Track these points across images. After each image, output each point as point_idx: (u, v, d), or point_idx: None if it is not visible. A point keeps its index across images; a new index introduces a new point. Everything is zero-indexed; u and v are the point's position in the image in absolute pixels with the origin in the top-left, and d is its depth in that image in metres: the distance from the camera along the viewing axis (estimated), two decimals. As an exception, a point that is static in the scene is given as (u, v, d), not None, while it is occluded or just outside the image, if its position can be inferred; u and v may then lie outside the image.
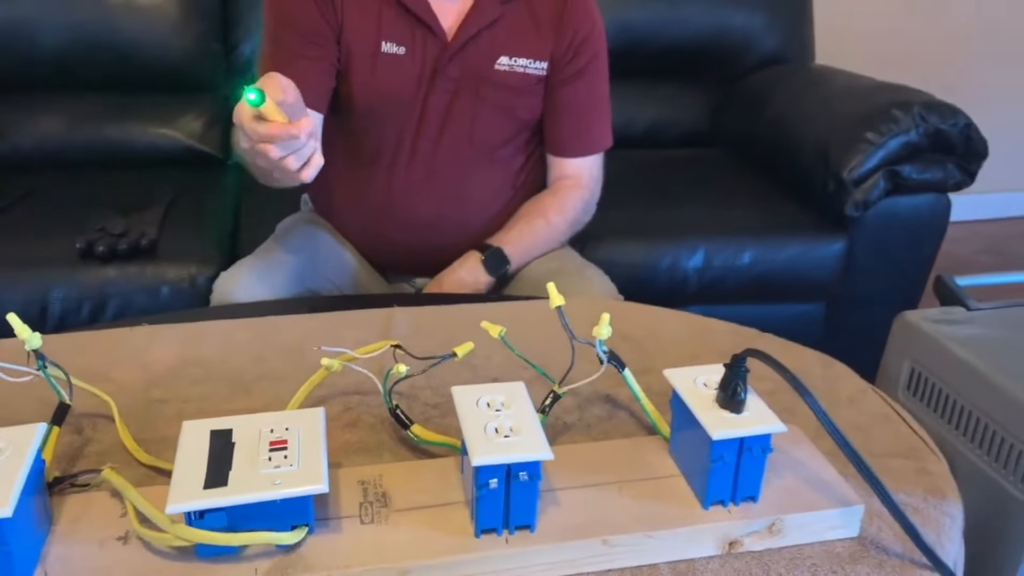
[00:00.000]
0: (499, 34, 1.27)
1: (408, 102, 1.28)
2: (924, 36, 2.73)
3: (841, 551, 0.74)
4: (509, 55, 1.28)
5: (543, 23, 1.29)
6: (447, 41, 1.26)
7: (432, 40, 1.26)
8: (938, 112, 1.69)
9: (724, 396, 0.71)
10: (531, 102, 1.32)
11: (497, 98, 1.29)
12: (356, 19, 1.25)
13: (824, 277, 1.72)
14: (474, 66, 1.28)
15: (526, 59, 1.28)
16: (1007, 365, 0.86)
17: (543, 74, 1.30)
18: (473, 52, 1.27)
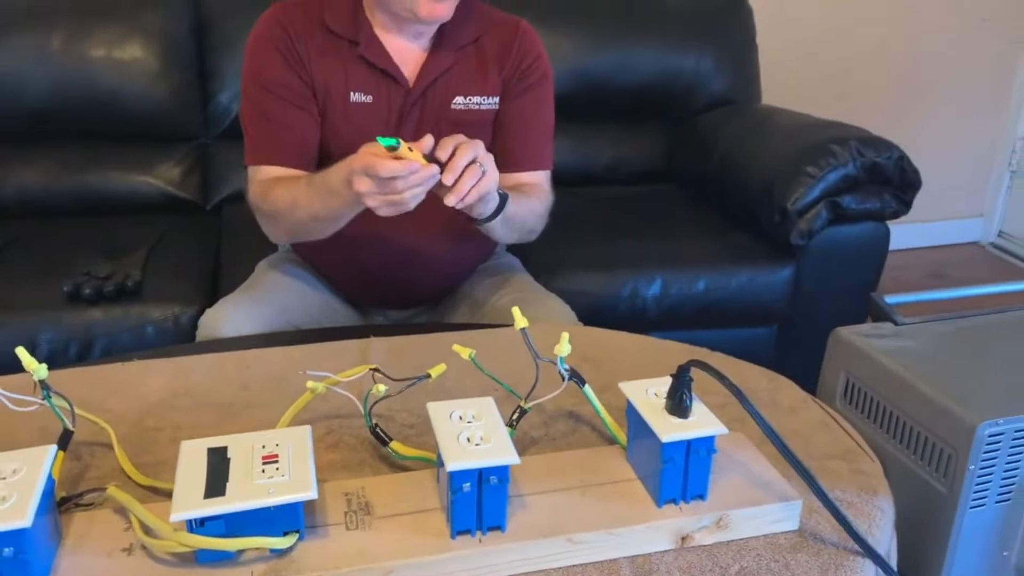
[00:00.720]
0: (453, 78, 1.36)
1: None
2: (862, 75, 2.86)
3: (783, 542, 0.81)
4: (464, 95, 1.36)
5: (492, 62, 1.38)
6: (409, 88, 1.34)
7: (396, 88, 1.34)
8: (873, 147, 1.80)
9: (672, 403, 0.78)
10: (486, 137, 1.40)
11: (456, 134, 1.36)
12: (325, 75, 1.33)
13: (774, 302, 1.81)
14: (434, 108, 1.36)
15: (479, 96, 1.37)
16: (929, 373, 0.93)
17: (495, 108, 1.39)
18: (432, 96, 1.35)
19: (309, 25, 1.32)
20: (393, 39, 1.33)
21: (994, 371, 0.96)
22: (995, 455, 0.86)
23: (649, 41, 2.21)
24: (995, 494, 0.88)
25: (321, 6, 1.33)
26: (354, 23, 1.32)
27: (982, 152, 3.13)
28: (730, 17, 2.31)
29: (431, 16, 1.26)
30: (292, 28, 1.32)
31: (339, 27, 1.32)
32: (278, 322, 1.34)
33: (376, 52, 1.32)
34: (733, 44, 2.30)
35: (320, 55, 1.32)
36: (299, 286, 1.41)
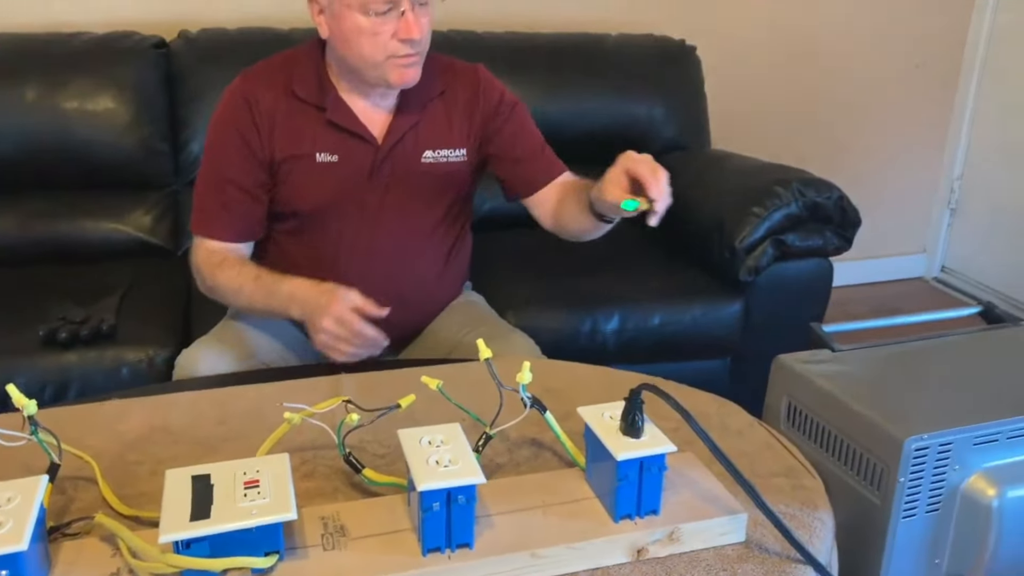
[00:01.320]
0: (421, 133, 1.41)
1: (346, 201, 1.40)
2: (805, 119, 2.97)
3: (731, 553, 0.86)
4: (433, 149, 1.42)
5: (458, 114, 1.44)
6: (378, 146, 1.39)
7: (363, 147, 1.39)
8: (814, 187, 1.89)
9: (625, 424, 0.84)
10: (455, 187, 1.46)
11: (426, 187, 1.43)
12: (290, 141, 1.37)
13: (725, 335, 1.88)
14: (403, 163, 1.41)
15: (447, 150, 1.43)
16: (862, 394, 1.00)
17: (463, 159, 1.44)
18: (400, 152, 1.40)
19: (276, 94, 1.37)
20: (359, 101, 1.38)
21: (922, 391, 1.03)
22: (922, 468, 0.93)
23: (603, 90, 2.30)
24: (924, 504, 0.95)
25: (289, 74, 1.38)
26: (320, 89, 1.37)
27: (923, 191, 3.26)
28: (679, 67, 2.41)
29: (402, 82, 1.33)
30: (256, 102, 1.36)
31: (305, 94, 1.37)
32: (251, 361, 1.38)
33: (343, 115, 1.37)
34: (682, 92, 2.40)
35: (287, 121, 1.37)
36: (271, 326, 1.44)
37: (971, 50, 3.07)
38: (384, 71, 1.31)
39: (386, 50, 1.29)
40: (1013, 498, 0.95)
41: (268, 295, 1.32)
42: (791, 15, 2.82)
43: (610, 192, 1.19)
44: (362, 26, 1.27)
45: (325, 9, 1.31)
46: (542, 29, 2.39)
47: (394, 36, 1.28)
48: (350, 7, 1.26)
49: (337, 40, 1.32)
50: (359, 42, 1.29)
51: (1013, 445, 0.96)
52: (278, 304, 1.32)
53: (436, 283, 1.50)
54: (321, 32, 1.34)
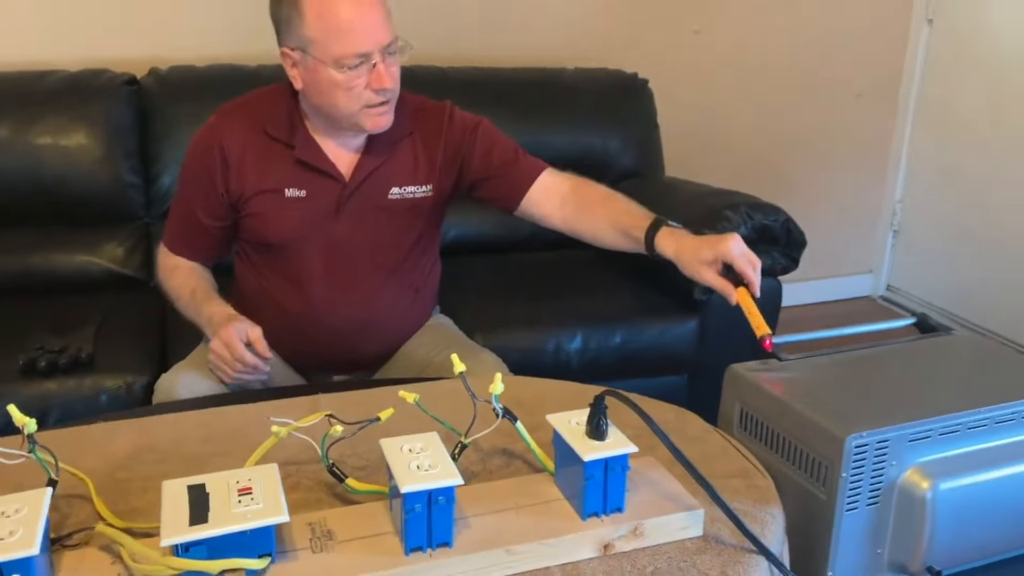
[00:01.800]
0: (388, 170, 1.46)
1: (315, 234, 1.45)
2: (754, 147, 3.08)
3: (690, 546, 0.93)
4: (399, 185, 1.46)
5: (425, 151, 1.48)
6: (345, 182, 1.44)
7: (331, 183, 1.44)
8: (762, 211, 1.99)
9: (591, 428, 0.90)
10: (421, 219, 1.51)
11: (392, 221, 1.48)
12: (260, 175, 1.43)
13: (682, 352, 1.96)
14: (370, 198, 1.45)
15: (413, 186, 1.47)
16: (807, 399, 1.08)
17: (428, 194, 1.49)
18: (367, 188, 1.45)
19: (248, 132, 1.43)
20: (328, 140, 1.44)
21: (861, 394, 1.11)
22: (862, 464, 1.00)
23: (562, 121, 2.38)
24: (866, 498, 1.02)
25: (261, 113, 1.44)
26: (290, 128, 1.43)
27: (868, 214, 3.39)
28: (633, 99, 2.51)
29: (376, 128, 1.38)
30: (229, 140, 1.43)
31: (276, 132, 1.43)
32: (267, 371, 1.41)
33: (312, 153, 1.42)
34: (637, 123, 2.50)
35: (258, 158, 1.43)
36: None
37: (907, 80, 3.22)
38: (359, 119, 1.36)
39: (360, 100, 1.34)
40: (945, 490, 1.02)
41: (195, 312, 1.46)
42: (738, 49, 2.94)
43: (701, 273, 1.26)
44: (336, 80, 1.32)
45: (298, 63, 1.35)
46: (502, 64, 2.48)
47: (367, 87, 1.33)
48: (323, 62, 1.31)
49: (311, 92, 1.37)
50: (334, 94, 1.34)
51: (944, 441, 1.04)
52: (200, 321, 1.45)
53: (407, 310, 1.55)
54: (295, 84, 1.38)
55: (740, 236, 1.25)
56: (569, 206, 1.47)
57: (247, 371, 1.36)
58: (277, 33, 1.38)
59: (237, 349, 1.34)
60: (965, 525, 1.05)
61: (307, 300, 1.47)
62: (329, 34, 1.29)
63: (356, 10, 1.29)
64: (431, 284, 1.60)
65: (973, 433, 1.06)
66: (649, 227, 1.34)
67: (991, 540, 1.11)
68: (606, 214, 1.43)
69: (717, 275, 1.24)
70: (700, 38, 2.88)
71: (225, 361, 1.36)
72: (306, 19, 1.30)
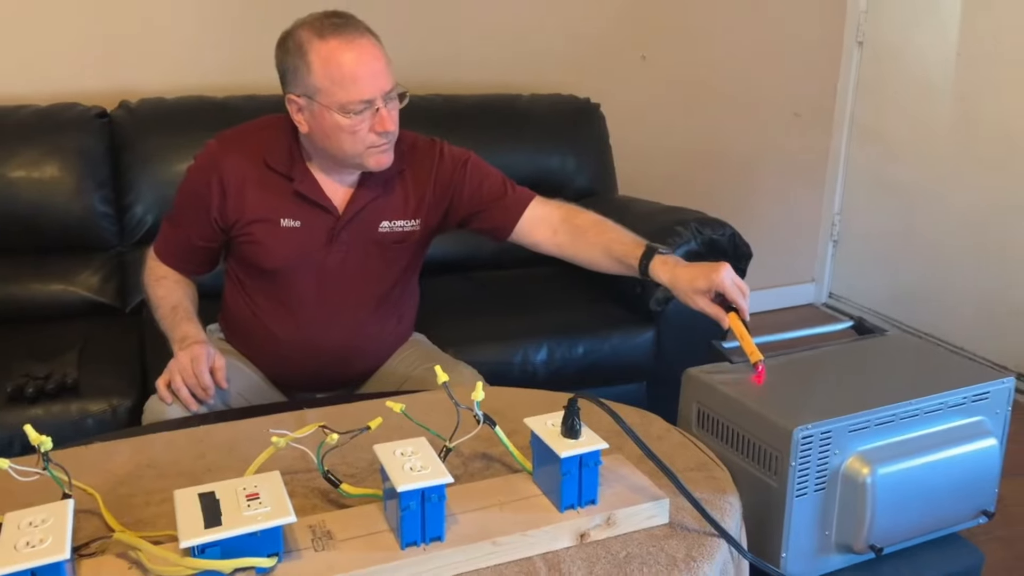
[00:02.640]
0: (379, 205, 1.51)
1: (309, 263, 1.50)
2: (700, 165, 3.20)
3: (658, 533, 1.01)
4: (389, 219, 1.52)
5: (416, 187, 1.53)
6: (339, 215, 1.49)
7: (326, 216, 1.49)
8: (710, 225, 2.09)
9: (565, 428, 0.98)
10: (408, 252, 1.56)
11: (382, 253, 1.53)
12: (258, 204, 1.48)
13: (641, 360, 2.05)
14: (361, 231, 1.51)
15: (403, 220, 1.53)
16: (758, 396, 1.17)
17: (416, 228, 1.54)
18: (359, 221, 1.50)
19: (249, 161, 1.48)
20: (325, 176, 1.49)
21: (806, 391, 1.20)
22: (809, 453, 1.09)
23: (520, 145, 2.47)
24: (813, 484, 1.11)
25: (262, 143, 1.49)
26: (289, 161, 1.48)
27: (809, 226, 3.53)
28: (587, 123, 2.61)
29: (379, 166, 1.44)
30: (229, 167, 1.47)
31: (277, 164, 1.48)
32: (215, 403, 1.46)
33: (309, 187, 1.47)
34: (591, 145, 2.59)
35: (257, 187, 1.47)
36: (231, 371, 1.52)
37: (841, 99, 3.38)
38: (363, 159, 1.42)
39: (364, 142, 1.40)
40: (883, 475, 1.12)
41: (171, 326, 1.50)
42: (683, 73, 3.06)
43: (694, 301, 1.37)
44: (341, 124, 1.38)
45: (304, 109, 1.40)
46: (461, 91, 2.56)
47: (371, 130, 1.39)
48: (330, 108, 1.37)
49: (317, 135, 1.42)
50: (339, 137, 1.39)
51: (881, 431, 1.14)
52: (173, 336, 1.49)
53: (390, 335, 1.62)
54: (300, 128, 1.43)
55: (729, 265, 1.34)
56: (561, 234, 1.55)
57: (197, 391, 1.41)
58: (283, 81, 1.43)
59: (200, 366, 1.40)
60: (902, 506, 1.15)
61: (297, 325, 1.52)
62: (335, 83, 1.35)
63: (360, 61, 1.35)
64: (412, 309, 1.67)
65: (906, 423, 1.16)
66: (643, 255, 1.43)
67: (925, 519, 1.21)
68: (599, 242, 1.51)
69: (711, 302, 1.34)
70: (647, 63, 2.99)
71: (184, 373, 1.40)
72: (313, 69, 1.36)
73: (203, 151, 1.51)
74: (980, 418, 1.22)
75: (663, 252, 1.43)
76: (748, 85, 3.19)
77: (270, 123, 1.52)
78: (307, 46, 1.37)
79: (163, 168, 2.18)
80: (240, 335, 1.58)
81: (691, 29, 3.03)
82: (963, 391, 1.19)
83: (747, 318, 1.33)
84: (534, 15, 2.79)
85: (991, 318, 2.88)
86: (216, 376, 1.42)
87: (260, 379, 1.58)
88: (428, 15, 2.65)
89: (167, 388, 1.42)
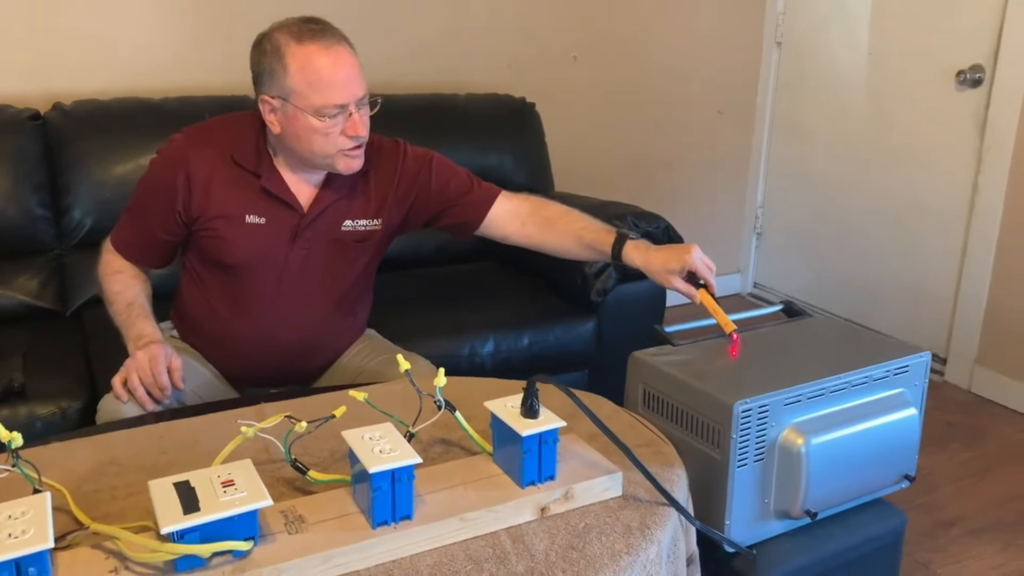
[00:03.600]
0: (343, 205, 1.53)
1: (271, 259, 1.51)
2: (633, 161, 3.30)
3: (612, 504, 1.06)
4: (352, 219, 1.54)
5: (378, 188, 1.55)
6: (303, 213, 1.51)
7: (291, 213, 1.50)
8: (646, 219, 2.17)
9: (525, 409, 1.03)
10: (369, 251, 1.58)
11: (343, 252, 1.55)
12: (224, 200, 1.48)
13: (583, 349, 2.12)
14: (325, 230, 1.53)
15: (365, 219, 1.55)
16: (699, 375, 1.24)
17: (378, 227, 1.57)
18: (323, 220, 1.52)
19: (215, 157, 1.48)
20: (292, 174, 1.50)
21: (744, 369, 1.28)
22: (748, 426, 1.16)
23: (460, 143, 2.50)
24: (752, 455, 1.18)
25: (229, 140, 1.49)
26: (256, 158, 1.48)
27: (733, 219, 3.65)
28: (523, 122, 2.66)
29: (349, 169, 1.46)
30: (196, 162, 1.47)
31: (244, 161, 1.48)
32: (170, 402, 1.46)
33: (276, 184, 1.48)
34: (528, 144, 2.65)
35: (223, 183, 1.48)
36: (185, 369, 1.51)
37: (762, 97, 3.51)
38: (333, 161, 1.44)
39: (336, 145, 1.41)
40: (816, 444, 1.20)
41: (126, 323, 1.49)
42: (613, 73, 3.14)
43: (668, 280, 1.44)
44: (315, 127, 1.39)
45: (278, 110, 1.41)
46: (397, 91, 2.58)
47: (342, 133, 1.41)
48: (303, 111, 1.38)
49: (289, 136, 1.43)
50: (311, 139, 1.41)
51: (812, 404, 1.22)
52: (127, 334, 1.48)
53: (347, 331, 1.64)
54: (272, 128, 1.43)
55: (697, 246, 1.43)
56: (530, 226, 1.60)
57: (154, 390, 1.41)
58: (257, 83, 1.43)
59: (159, 365, 1.40)
60: (833, 473, 1.23)
61: (255, 321, 1.53)
62: (311, 87, 1.37)
63: (336, 66, 1.37)
64: (367, 305, 1.69)
65: (835, 396, 1.24)
66: (615, 241, 1.51)
67: (854, 485, 1.29)
68: (570, 231, 1.57)
69: (681, 280, 1.43)
70: (579, 64, 3.06)
71: (142, 372, 1.40)
72: (290, 72, 1.37)
73: (168, 145, 1.50)
74: (901, 390, 1.31)
75: (633, 237, 1.50)
76: (674, 84, 3.29)
77: (236, 120, 1.53)
78: (284, 49, 1.38)
79: (101, 170, 2.14)
80: (196, 331, 1.58)
81: (620, 31, 3.11)
82: (885, 365, 1.29)
83: (716, 292, 1.42)
84: (469, 17, 2.83)
85: (905, 304, 3.04)
86: (173, 376, 1.42)
87: (214, 376, 1.58)
88: (363, 17, 2.66)
89: (123, 387, 1.41)
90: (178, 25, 2.43)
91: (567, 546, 0.98)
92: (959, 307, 2.84)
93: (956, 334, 2.85)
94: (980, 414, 2.64)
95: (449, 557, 0.96)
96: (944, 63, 2.79)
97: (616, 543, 0.99)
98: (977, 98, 2.71)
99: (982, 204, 2.72)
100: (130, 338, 1.47)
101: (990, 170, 2.68)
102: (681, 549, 1.08)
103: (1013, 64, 2.58)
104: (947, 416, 2.62)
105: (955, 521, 2.04)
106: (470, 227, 1.62)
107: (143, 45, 2.41)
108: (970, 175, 2.76)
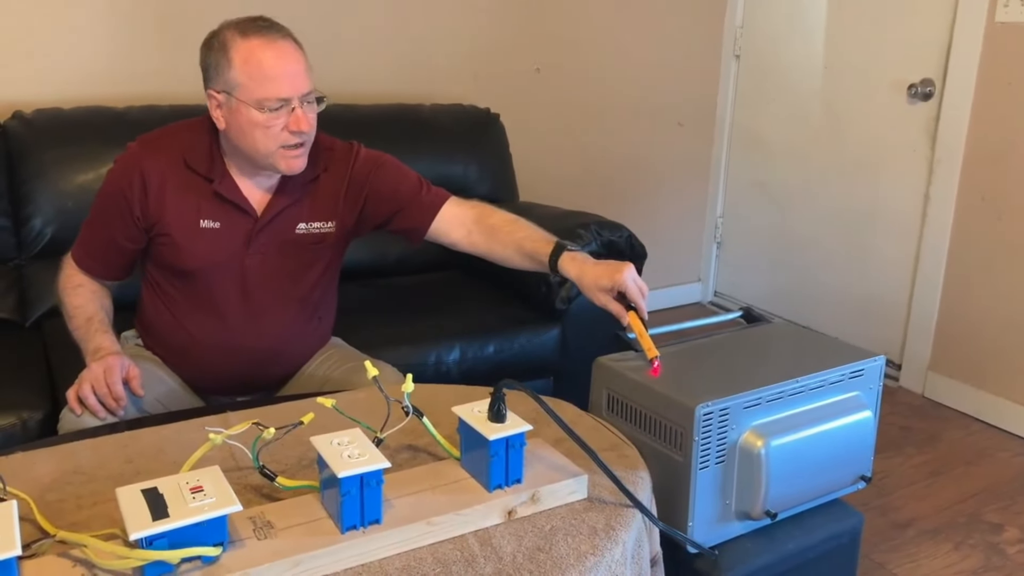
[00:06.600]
0: (297, 207, 1.54)
1: (227, 264, 1.51)
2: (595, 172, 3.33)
3: (578, 507, 1.08)
4: (306, 221, 1.55)
5: (332, 190, 1.56)
6: (257, 217, 1.51)
7: (245, 217, 1.51)
8: (608, 228, 2.20)
9: (492, 413, 1.04)
10: (326, 254, 1.59)
11: (299, 254, 1.56)
12: (177, 205, 1.48)
13: (548, 356, 2.13)
14: (279, 233, 1.53)
15: (319, 222, 1.55)
16: (662, 380, 1.26)
17: (332, 230, 1.57)
18: (277, 223, 1.52)
19: (169, 163, 1.48)
20: (244, 178, 1.50)
21: (703, 374, 1.30)
22: (709, 428, 1.19)
23: (424, 152, 2.51)
24: (714, 457, 1.21)
25: (183, 145, 1.49)
26: (209, 162, 1.49)
27: (694, 229, 3.71)
28: (487, 132, 2.68)
29: (290, 170, 1.46)
30: (150, 168, 1.47)
31: (197, 166, 1.48)
32: (131, 410, 1.45)
33: (229, 188, 1.49)
34: (492, 153, 2.67)
35: (177, 189, 1.48)
36: (147, 378, 1.50)
37: (721, 109, 3.57)
38: (274, 159, 1.44)
39: (277, 140, 1.42)
40: (775, 447, 1.23)
41: (85, 337, 1.49)
42: (575, 85, 3.18)
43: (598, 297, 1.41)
44: (257, 120, 1.40)
45: (223, 104, 1.42)
46: (361, 101, 2.59)
47: (284, 128, 1.41)
48: (246, 103, 1.39)
49: (233, 131, 1.43)
50: (253, 134, 1.41)
51: (771, 407, 1.25)
52: (86, 348, 1.48)
53: (311, 336, 1.64)
54: (218, 124, 1.44)
55: (632, 265, 1.40)
56: (475, 234, 1.58)
57: (108, 400, 1.40)
58: (205, 78, 1.44)
59: (113, 375, 1.40)
60: (792, 474, 1.26)
61: (217, 328, 1.52)
62: (253, 79, 1.38)
63: (280, 60, 1.38)
64: (330, 313, 1.69)
65: (793, 399, 1.27)
66: (552, 252, 1.48)
67: (812, 486, 1.33)
68: (511, 240, 1.55)
69: (612, 300, 1.40)
70: (542, 76, 3.09)
71: (96, 383, 1.40)
72: (234, 65, 1.39)
73: (124, 153, 1.50)
74: (856, 393, 1.35)
75: (572, 249, 1.49)
76: (635, 96, 3.33)
77: (190, 125, 1.53)
78: (230, 43, 1.39)
79: (62, 179, 2.12)
80: (158, 340, 1.57)
81: (581, 43, 3.15)
82: (841, 369, 1.32)
83: (646, 316, 1.40)
84: (434, 28, 2.84)
85: (861, 311, 3.11)
86: (132, 384, 1.41)
87: (178, 385, 1.57)
88: (328, 26, 2.67)
89: (76, 399, 1.40)
90: (140, 33, 2.42)
91: (534, 548, 0.99)
92: (912, 314, 2.91)
93: (910, 340, 2.92)
94: (933, 418, 2.71)
95: (418, 560, 0.96)
96: (896, 76, 2.87)
97: (582, 544, 1.01)
98: (928, 111, 2.79)
99: (933, 213, 2.80)
100: (88, 351, 1.46)
101: (940, 181, 2.76)
102: (645, 550, 1.10)
103: (961, 78, 2.67)
104: (902, 420, 2.68)
105: (910, 522, 2.09)
106: (419, 232, 1.60)
107: (105, 54, 2.39)
108: (922, 185, 2.84)
